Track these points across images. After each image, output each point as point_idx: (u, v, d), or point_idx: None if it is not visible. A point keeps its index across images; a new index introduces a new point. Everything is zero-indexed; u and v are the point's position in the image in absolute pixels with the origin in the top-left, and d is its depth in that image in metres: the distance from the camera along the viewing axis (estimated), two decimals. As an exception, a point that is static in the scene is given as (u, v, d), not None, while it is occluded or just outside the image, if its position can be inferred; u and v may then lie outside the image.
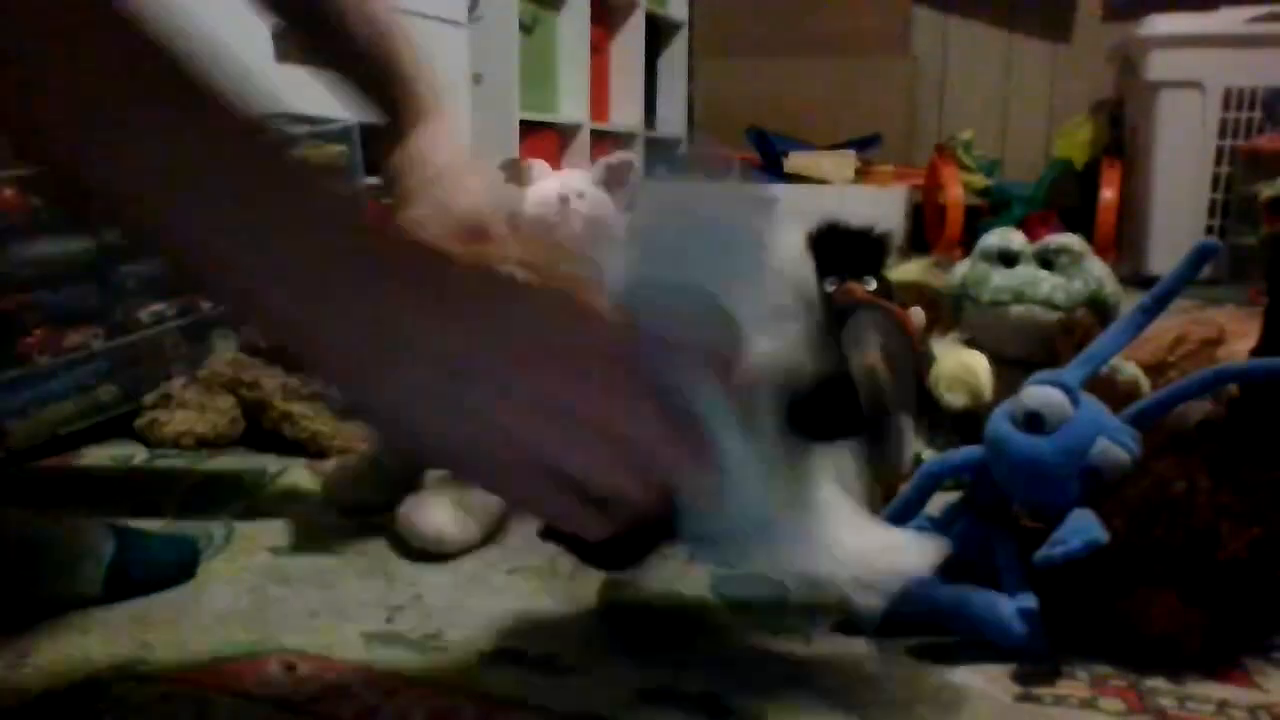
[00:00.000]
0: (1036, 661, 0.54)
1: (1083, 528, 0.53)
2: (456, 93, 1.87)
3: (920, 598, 0.57)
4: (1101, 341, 0.65)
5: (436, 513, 0.68)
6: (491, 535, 0.70)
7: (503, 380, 0.37)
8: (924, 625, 0.57)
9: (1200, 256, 0.62)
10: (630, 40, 2.98)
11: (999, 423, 0.61)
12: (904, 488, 0.66)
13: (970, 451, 0.64)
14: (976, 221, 2.39)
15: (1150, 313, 0.64)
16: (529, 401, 0.38)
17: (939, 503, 0.70)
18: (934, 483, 0.65)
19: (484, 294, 0.39)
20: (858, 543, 0.50)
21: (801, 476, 0.50)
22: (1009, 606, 0.55)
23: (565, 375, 0.38)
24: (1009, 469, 0.60)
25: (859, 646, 0.56)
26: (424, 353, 0.37)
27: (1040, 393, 0.59)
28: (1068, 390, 0.59)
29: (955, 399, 0.83)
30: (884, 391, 0.53)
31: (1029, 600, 0.55)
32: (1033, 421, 0.58)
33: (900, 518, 0.64)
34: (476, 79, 2.07)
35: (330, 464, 0.88)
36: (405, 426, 0.39)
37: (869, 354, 0.57)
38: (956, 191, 2.42)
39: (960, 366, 0.84)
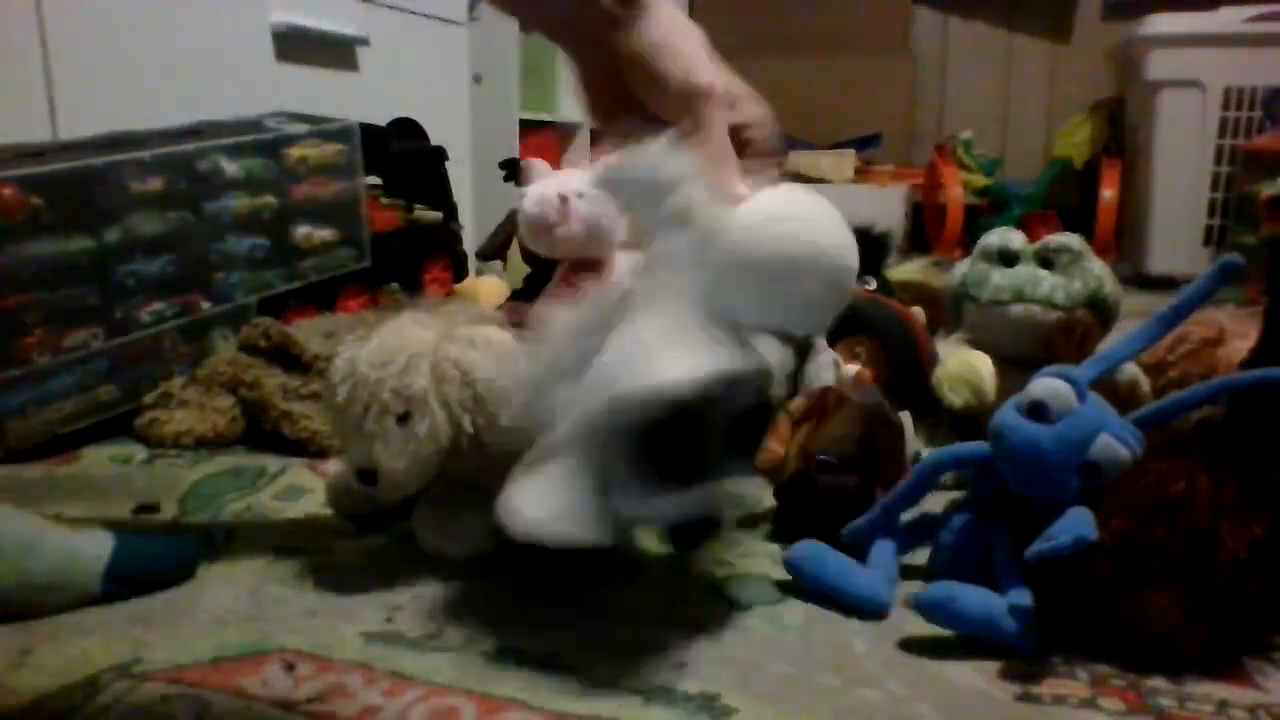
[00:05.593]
0: (1029, 658, 0.54)
1: (1074, 525, 0.53)
2: (457, 92, 1.87)
3: (912, 594, 0.57)
4: (1117, 345, 0.65)
5: (449, 520, 0.68)
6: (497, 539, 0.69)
7: None
8: (919, 622, 0.57)
9: (1224, 272, 0.62)
10: (630, 40, 2.97)
11: (1005, 412, 0.61)
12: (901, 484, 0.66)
13: (974, 445, 0.65)
14: (976, 221, 2.39)
15: (1169, 323, 0.65)
16: None
17: (941, 501, 0.71)
18: (936, 472, 0.66)
19: None
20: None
21: None
22: (1002, 603, 0.55)
23: None
24: (1009, 455, 0.60)
25: (859, 646, 0.56)
26: None
27: (1047, 383, 0.59)
28: (1075, 384, 0.59)
29: (958, 398, 0.83)
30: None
31: (1023, 597, 0.55)
32: (1037, 410, 0.59)
33: (899, 505, 0.65)
34: (476, 79, 2.07)
35: (331, 464, 0.89)
36: None
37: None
38: (956, 191, 2.42)
39: (964, 366, 0.84)
